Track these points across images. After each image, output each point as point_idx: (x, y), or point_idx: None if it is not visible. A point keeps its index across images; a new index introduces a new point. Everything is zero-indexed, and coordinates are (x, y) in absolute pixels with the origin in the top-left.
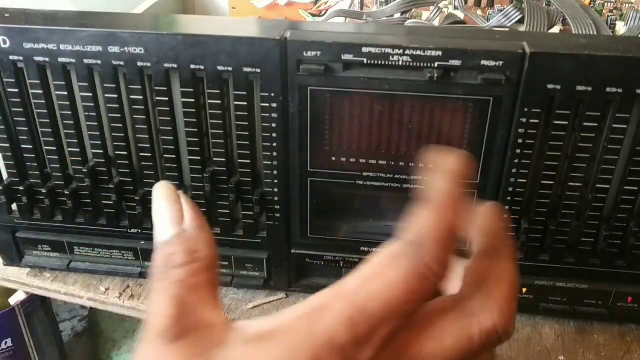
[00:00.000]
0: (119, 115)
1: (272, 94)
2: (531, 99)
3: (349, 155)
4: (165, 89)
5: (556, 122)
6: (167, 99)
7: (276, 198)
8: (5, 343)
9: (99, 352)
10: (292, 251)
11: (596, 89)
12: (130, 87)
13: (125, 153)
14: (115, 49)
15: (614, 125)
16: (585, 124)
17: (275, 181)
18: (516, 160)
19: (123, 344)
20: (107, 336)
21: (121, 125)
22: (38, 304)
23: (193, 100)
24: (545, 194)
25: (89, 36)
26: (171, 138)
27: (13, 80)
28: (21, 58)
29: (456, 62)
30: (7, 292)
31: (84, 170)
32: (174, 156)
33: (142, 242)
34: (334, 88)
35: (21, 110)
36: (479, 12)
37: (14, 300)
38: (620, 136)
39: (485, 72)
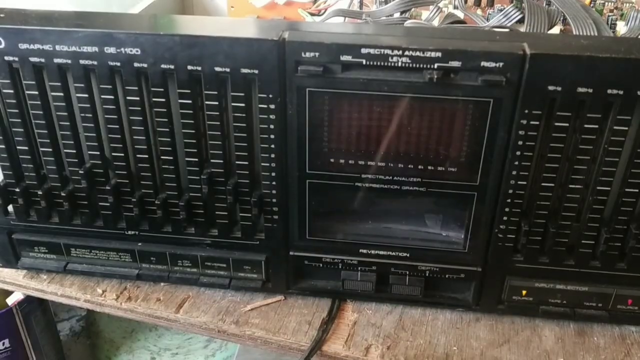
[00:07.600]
0: (115, 117)
1: (270, 95)
2: (531, 101)
3: (347, 157)
4: (162, 90)
5: (557, 124)
6: (164, 100)
7: (274, 200)
8: (3, 344)
9: (98, 352)
10: (291, 253)
11: (597, 91)
12: (127, 88)
13: (122, 154)
14: (111, 50)
15: (615, 127)
16: (585, 125)
17: (274, 183)
18: (516, 162)
19: (121, 344)
20: (105, 336)
21: (118, 126)
22: (36, 305)
23: (190, 101)
24: (545, 196)
25: (85, 37)
26: (168, 139)
27: (8, 81)
28: (17, 59)
29: (456, 63)
30: (4, 292)
31: (80, 171)
32: (171, 157)
33: (139, 244)
34: (333, 89)
35: (17, 111)
36: (479, 11)
37: (11, 300)
38: (620, 138)
39: (485, 73)
